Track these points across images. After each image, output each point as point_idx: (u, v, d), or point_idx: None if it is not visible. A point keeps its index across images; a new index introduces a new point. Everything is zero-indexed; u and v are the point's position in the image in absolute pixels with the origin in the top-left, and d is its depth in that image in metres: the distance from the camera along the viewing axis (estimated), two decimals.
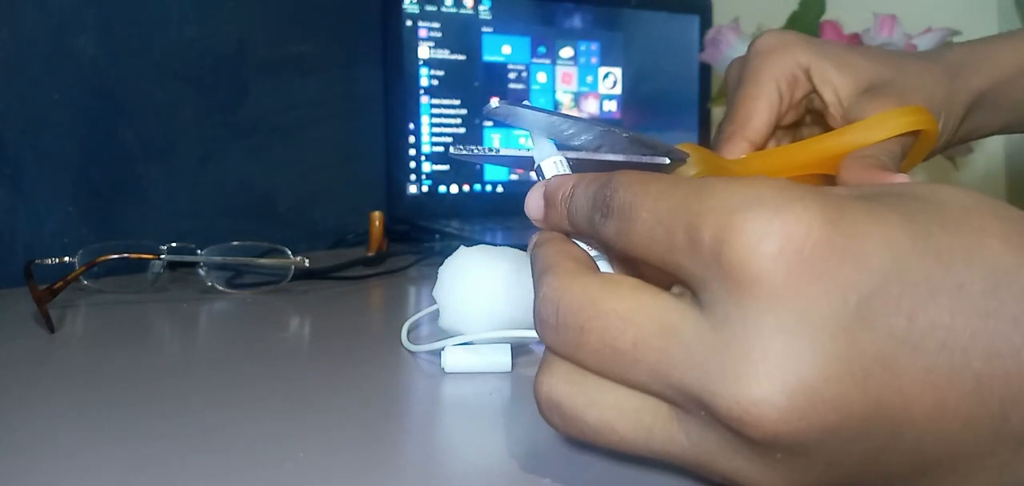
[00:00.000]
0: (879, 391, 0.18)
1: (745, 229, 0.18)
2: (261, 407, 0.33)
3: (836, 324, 0.18)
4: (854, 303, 0.18)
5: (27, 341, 0.44)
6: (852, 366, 0.18)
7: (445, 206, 0.89)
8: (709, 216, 0.19)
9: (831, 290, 0.18)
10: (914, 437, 0.19)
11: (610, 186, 0.22)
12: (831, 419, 0.18)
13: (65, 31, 0.62)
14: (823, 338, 0.18)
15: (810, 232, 0.18)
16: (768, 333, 0.18)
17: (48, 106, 0.62)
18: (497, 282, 0.38)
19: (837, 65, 0.44)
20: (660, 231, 0.20)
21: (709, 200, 0.19)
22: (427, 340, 0.42)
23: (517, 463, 0.27)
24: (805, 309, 0.18)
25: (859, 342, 0.18)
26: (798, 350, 0.18)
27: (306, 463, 0.26)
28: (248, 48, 0.76)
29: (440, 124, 0.89)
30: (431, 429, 0.31)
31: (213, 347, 0.45)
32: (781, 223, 0.18)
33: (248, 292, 0.58)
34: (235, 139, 0.75)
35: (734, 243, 0.18)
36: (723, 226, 0.18)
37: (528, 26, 0.93)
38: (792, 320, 0.18)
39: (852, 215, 0.18)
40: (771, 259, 0.18)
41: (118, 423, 0.31)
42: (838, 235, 0.18)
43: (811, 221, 0.18)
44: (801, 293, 0.18)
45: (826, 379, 0.18)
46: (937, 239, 0.19)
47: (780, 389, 0.18)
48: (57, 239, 0.62)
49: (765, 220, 0.18)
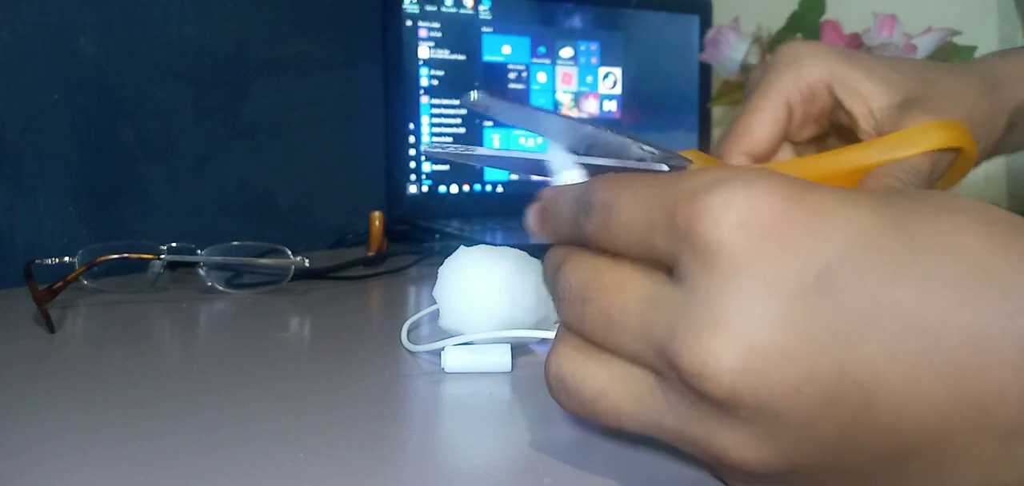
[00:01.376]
0: (843, 359, 0.19)
1: (710, 203, 0.20)
2: (261, 407, 0.33)
3: (797, 291, 0.19)
4: (815, 273, 0.19)
5: (27, 341, 0.44)
6: (812, 332, 0.19)
7: (445, 206, 0.89)
8: (681, 197, 0.20)
9: (792, 259, 0.19)
10: (890, 414, 0.19)
11: (592, 186, 0.24)
12: (791, 377, 0.19)
13: (65, 31, 0.62)
14: (783, 303, 0.19)
15: (772, 204, 0.19)
16: (730, 297, 0.19)
17: (48, 106, 0.62)
18: (497, 282, 0.38)
19: (869, 76, 0.42)
20: (638, 218, 0.22)
21: (682, 184, 0.21)
22: (427, 340, 0.42)
23: (517, 463, 0.27)
24: (766, 276, 0.19)
25: (819, 310, 0.19)
26: (758, 312, 0.19)
27: (307, 463, 0.26)
28: (248, 48, 0.76)
29: (440, 124, 0.89)
30: (431, 429, 0.31)
31: (213, 347, 0.45)
32: (745, 196, 0.19)
33: (248, 292, 0.58)
34: (235, 139, 0.75)
35: (702, 216, 0.20)
36: (692, 204, 0.20)
37: (528, 26, 0.93)
38: (754, 286, 0.19)
39: (820, 195, 0.20)
40: (734, 229, 0.19)
41: (118, 423, 0.31)
42: (802, 209, 0.19)
43: (774, 194, 0.19)
44: (763, 261, 0.19)
45: (785, 340, 0.19)
46: (909, 227, 0.19)
47: (737, 346, 0.19)
48: (57, 239, 0.62)
49: (729, 194, 0.19)
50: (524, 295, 0.38)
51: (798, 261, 0.19)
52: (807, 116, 0.44)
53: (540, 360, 0.39)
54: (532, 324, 0.38)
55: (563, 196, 0.25)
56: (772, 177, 0.20)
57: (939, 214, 0.20)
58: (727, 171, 0.20)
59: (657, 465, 0.26)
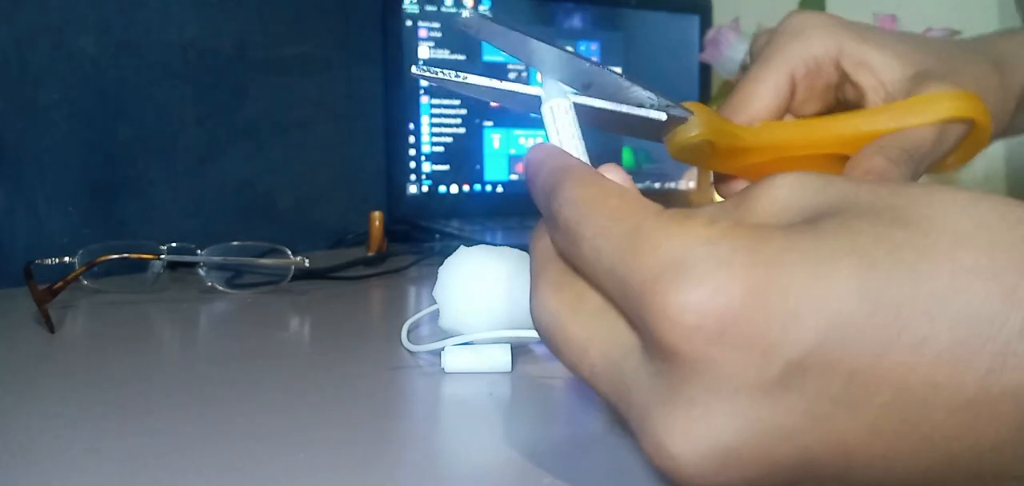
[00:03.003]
0: (812, 446, 0.18)
1: (666, 303, 0.18)
2: (261, 407, 0.33)
3: (759, 388, 0.18)
4: (780, 368, 0.18)
5: (27, 341, 0.44)
6: (776, 426, 0.18)
7: (445, 206, 0.89)
8: (643, 278, 0.19)
9: (754, 358, 0.18)
10: (864, 481, 0.19)
11: (557, 199, 0.22)
12: (750, 476, 0.18)
13: (65, 31, 0.62)
14: (743, 402, 0.18)
15: (730, 303, 0.17)
16: (690, 396, 0.18)
17: (48, 106, 0.62)
18: (497, 282, 0.38)
19: (881, 49, 0.40)
20: (602, 273, 0.21)
21: (645, 259, 0.19)
22: (427, 340, 0.42)
23: (517, 463, 0.27)
24: (726, 376, 0.18)
25: (785, 403, 0.18)
26: (717, 413, 0.18)
27: (307, 463, 0.26)
28: (248, 48, 0.76)
29: (440, 124, 0.89)
30: (431, 429, 0.31)
31: (213, 347, 0.45)
32: (699, 297, 0.18)
33: (248, 292, 0.58)
34: (235, 139, 0.75)
35: (656, 315, 0.18)
36: (650, 295, 0.18)
37: (528, 26, 0.93)
38: (714, 384, 0.18)
39: (789, 274, 0.17)
40: (689, 335, 0.18)
41: (118, 423, 0.31)
42: (766, 302, 0.17)
43: (733, 291, 0.17)
44: (722, 361, 0.18)
45: (745, 441, 0.18)
46: (900, 288, 0.17)
47: (696, 449, 0.18)
48: (57, 239, 0.62)
49: (684, 294, 0.18)
50: (524, 295, 0.37)
51: (761, 358, 0.18)
52: (811, 90, 0.42)
53: (540, 360, 0.39)
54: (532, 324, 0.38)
55: (537, 181, 0.24)
56: (735, 259, 0.18)
57: (945, 255, 0.17)
58: (691, 247, 0.18)
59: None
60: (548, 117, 0.27)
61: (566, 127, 0.27)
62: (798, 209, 0.20)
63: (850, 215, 0.19)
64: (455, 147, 0.89)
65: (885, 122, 0.37)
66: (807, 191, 0.20)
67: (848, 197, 0.19)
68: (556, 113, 0.27)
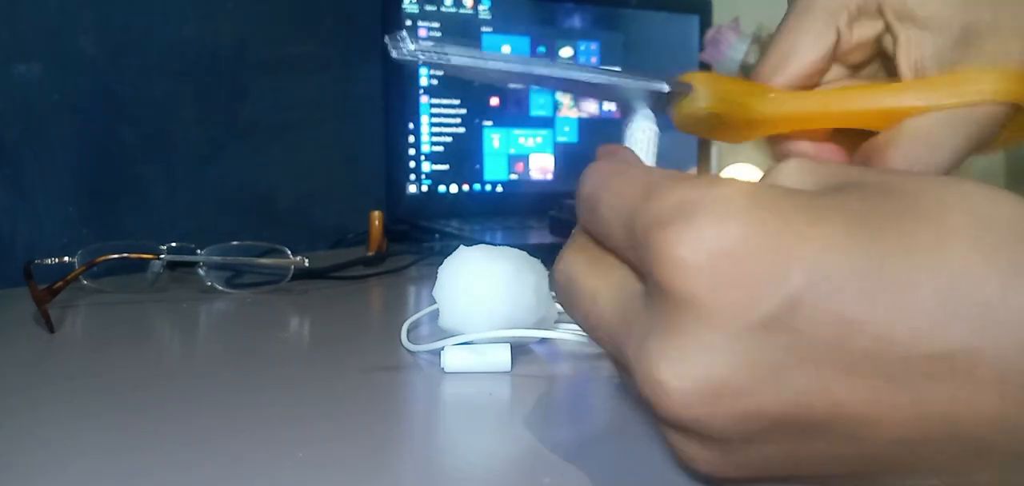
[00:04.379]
0: (799, 385, 0.19)
1: (666, 240, 0.19)
2: (261, 407, 0.33)
3: (754, 327, 0.19)
4: (773, 307, 0.18)
5: (27, 341, 0.44)
6: (765, 365, 0.19)
7: (445, 206, 0.89)
8: (648, 223, 0.20)
9: (749, 295, 0.19)
10: (846, 434, 0.19)
11: (585, 180, 0.24)
12: (739, 410, 0.19)
13: (65, 31, 0.62)
14: (737, 340, 0.19)
15: (727, 241, 0.19)
16: (685, 330, 0.19)
17: (48, 106, 0.62)
18: (497, 282, 0.38)
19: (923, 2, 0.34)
20: (615, 227, 0.22)
21: (652, 205, 0.20)
22: (427, 340, 0.42)
23: (517, 463, 0.27)
24: (722, 312, 0.19)
25: (776, 343, 0.19)
26: (710, 347, 0.19)
27: (306, 463, 0.26)
28: (248, 48, 0.76)
29: (440, 124, 0.89)
30: (431, 429, 0.31)
31: (213, 347, 0.45)
32: (698, 236, 0.19)
33: (248, 292, 0.58)
34: (235, 139, 0.75)
35: (660, 255, 0.20)
36: (654, 236, 0.20)
37: (528, 26, 0.93)
38: (709, 320, 0.19)
39: (784, 219, 0.19)
40: (686, 272, 0.19)
41: (118, 423, 0.31)
42: (761, 243, 0.19)
43: (730, 230, 0.19)
44: (719, 298, 0.19)
45: (733, 373, 0.19)
46: (887, 241, 0.18)
47: (684, 379, 0.19)
48: (57, 239, 0.62)
49: (684, 232, 0.19)
50: (524, 295, 0.38)
51: (754, 296, 0.19)
52: (853, 41, 0.37)
53: (540, 360, 0.39)
54: (532, 324, 0.38)
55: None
56: (733, 202, 0.19)
57: (921, 223, 0.19)
58: (695, 192, 0.20)
59: (658, 465, 0.26)
60: (630, 135, 0.31)
61: (643, 145, 0.30)
62: (800, 184, 0.22)
63: (848, 187, 0.20)
64: (455, 147, 0.89)
65: (914, 99, 0.33)
66: (808, 171, 0.22)
67: (844, 177, 0.21)
68: (636, 133, 0.30)
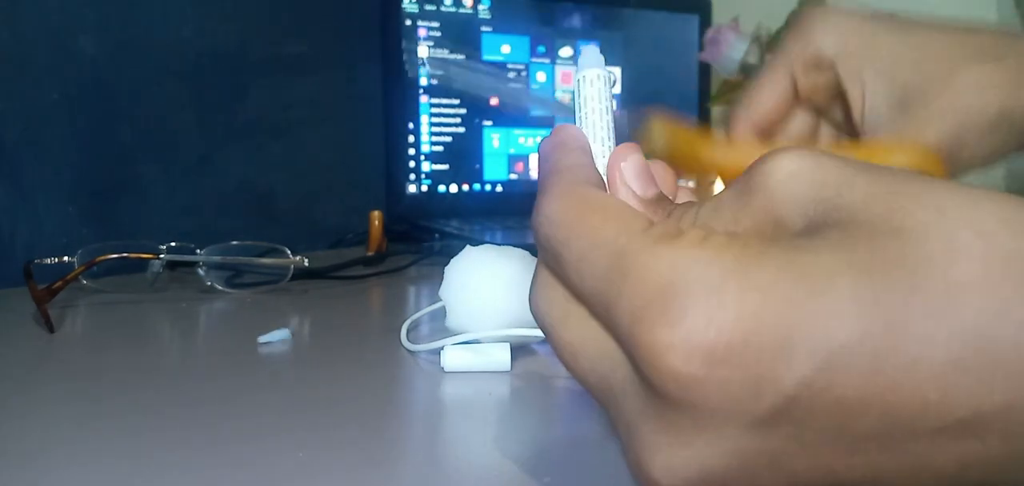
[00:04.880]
0: (797, 470, 0.18)
1: (654, 340, 0.17)
2: (261, 406, 0.33)
3: (748, 420, 0.17)
4: (771, 400, 0.17)
5: (27, 341, 0.44)
6: (762, 453, 0.18)
7: (444, 206, 0.89)
8: (629, 319, 0.18)
9: (744, 390, 0.17)
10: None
11: (538, 214, 0.21)
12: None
13: (65, 31, 0.62)
14: (731, 433, 0.17)
15: (721, 335, 0.17)
16: (680, 428, 0.18)
17: (48, 106, 0.62)
18: (504, 281, 0.38)
19: (873, 59, 0.38)
20: (584, 292, 0.20)
21: (629, 297, 0.18)
22: (427, 339, 0.42)
23: (516, 462, 0.27)
24: (715, 409, 0.17)
25: (775, 435, 0.17)
26: (703, 443, 0.18)
27: (306, 462, 0.26)
28: (248, 48, 0.76)
29: (440, 124, 0.88)
30: (430, 428, 0.31)
31: (212, 346, 0.45)
32: (688, 331, 0.17)
33: (247, 292, 0.58)
34: (234, 139, 0.75)
35: (644, 352, 0.17)
36: (639, 337, 0.18)
37: (527, 25, 0.93)
38: (701, 418, 0.17)
39: (784, 300, 0.17)
40: (678, 376, 0.17)
41: (117, 422, 0.31)
42: (759, 332, 0.17)
43: (724, 321, 0.17)
44: (711, 395, 0.17)
45: (728, 468, 0.18)
46: (892, 301, 0.16)
47: (676, 476, 0.18)
48: (56, 239, 0.62)
49: (673, 329, 0.17)
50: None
51: (752, 392, 0.17)
52: (812, 88, 0.40)
53: (540, 359, 0.39)
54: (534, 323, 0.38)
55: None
56: (724, 289, 0.17)
57: (928, 275, 0.16)
58: (675, 277, 0.17)
59: None
60: (575, 89, 0.26)
61: (592, 101, 0.26)
62: (798, 208, 0.19)
63: (849, 226, 0.18)
64: (455, 146, 0.89)
65: None
66: (803, 183, 0.19)
67: (844, 195, 0.18)
68: (582, 85, 0.26)
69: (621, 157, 0.23)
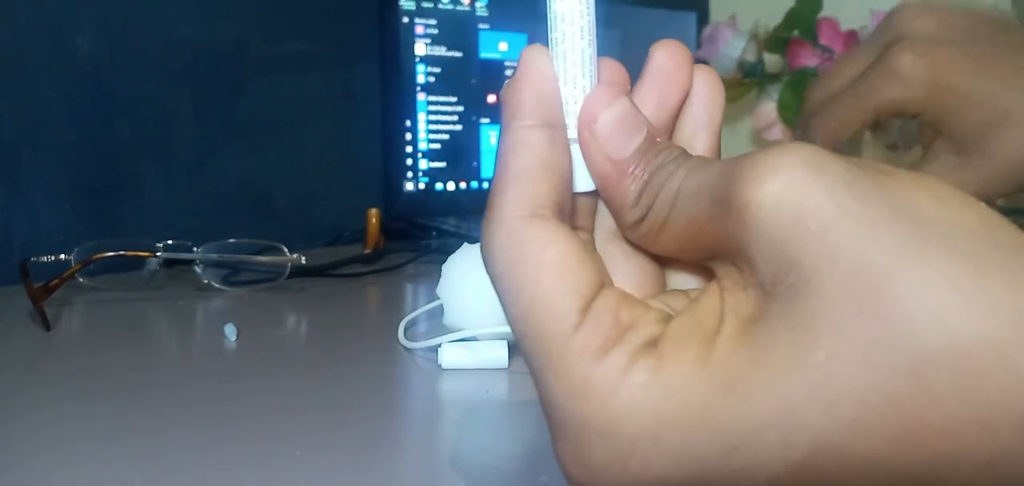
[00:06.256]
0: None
1: (562, 459, 0.18)
2: (258, 404, 0.33)
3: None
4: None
5: (23, 339, 0.44)
6: None
7: (442, 203, 0.89)
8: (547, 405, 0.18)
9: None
10: None
11: (483, 239, 0.20)
12: None
13: (62, 29, 0.62)
14: None
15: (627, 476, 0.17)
16: None
17: (45, 104, 0.62)
18: None
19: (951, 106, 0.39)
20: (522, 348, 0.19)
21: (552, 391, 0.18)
22: (424, 337, 0.42)
23: (514, 460, 0.27)
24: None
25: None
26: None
27: (304, 460, 0.26)
28: (245, 46, 0.75)
29: (437, 122, 0.88)
30: (428, 426, 0.31)
31: (209, 344, 0.45)
32: (592, 472, 0.17)
33: (244, 289, 0.58)
34: (232, 137, 0.75)
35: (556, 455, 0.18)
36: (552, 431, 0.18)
37: (525, 23, 0.93)
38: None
39: (695, 472, 0.16)
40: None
41: (114, 420, 0.31)
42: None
43: (631, 468, 0.17)
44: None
45: None
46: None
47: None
48: (53, 237, 0.62)
49: (577, 462, 0.17)
50: None
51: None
52: (886, 121, 0.44)
53: None
54: None
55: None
56: (643, 432, 0.16)
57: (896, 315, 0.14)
58: (587, 419, 0.17)
59: None
60: (553, 33, 0.20)
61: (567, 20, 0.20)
62: (770, 249, 0.16)
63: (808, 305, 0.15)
64: (452, 144, 0.89)
65: None
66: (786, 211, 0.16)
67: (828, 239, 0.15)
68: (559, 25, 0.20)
69: (591, 116, 0.20)
